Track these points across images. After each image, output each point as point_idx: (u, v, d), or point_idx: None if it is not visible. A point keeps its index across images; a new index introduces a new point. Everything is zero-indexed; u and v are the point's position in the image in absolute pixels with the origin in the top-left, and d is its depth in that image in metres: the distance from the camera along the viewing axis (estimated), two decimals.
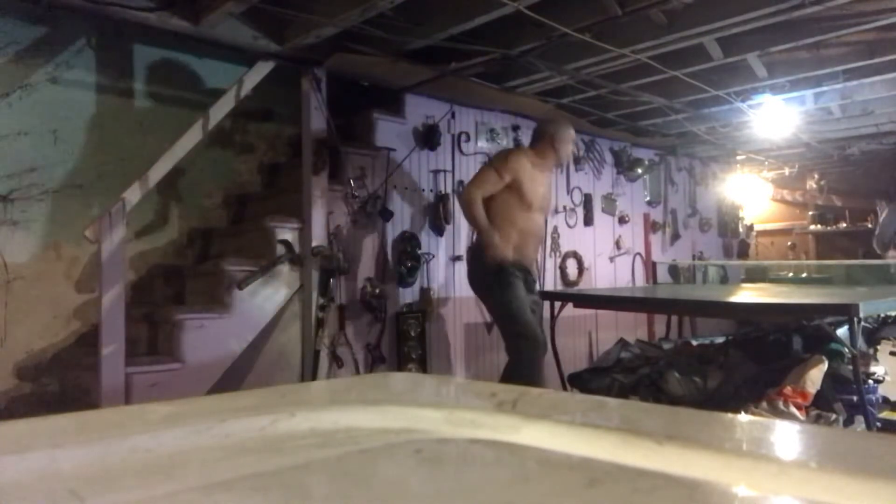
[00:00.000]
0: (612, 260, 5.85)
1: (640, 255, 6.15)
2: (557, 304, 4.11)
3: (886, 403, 3.48)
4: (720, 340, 4.55)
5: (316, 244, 3.54)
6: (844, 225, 7.90)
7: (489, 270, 3.35)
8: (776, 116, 4.93)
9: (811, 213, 8.13)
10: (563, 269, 5.35)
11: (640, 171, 6.04)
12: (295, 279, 3.53)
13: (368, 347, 3.91)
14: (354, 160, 3.92)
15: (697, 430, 0.76)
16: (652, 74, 4.04)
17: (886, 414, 3.41)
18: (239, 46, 3.40)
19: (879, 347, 4.01)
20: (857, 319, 2.84)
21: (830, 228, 7.98)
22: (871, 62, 3.99)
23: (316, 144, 3.60)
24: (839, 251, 7.69)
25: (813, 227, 8.10)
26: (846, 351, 3.08)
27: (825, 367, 3.20)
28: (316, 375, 3.47)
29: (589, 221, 5.59)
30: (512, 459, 0.70)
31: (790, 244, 8.38)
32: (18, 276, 3.19)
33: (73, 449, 0.69)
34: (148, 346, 3.27)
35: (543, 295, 3.91)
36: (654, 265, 6.28)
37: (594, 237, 5.66)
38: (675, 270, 6.53)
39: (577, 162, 5.48)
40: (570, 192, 5.46)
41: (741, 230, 7.70)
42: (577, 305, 4.35)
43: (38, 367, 3.20)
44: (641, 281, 6.11)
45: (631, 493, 0.57)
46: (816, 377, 3.15)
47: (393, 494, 0.60)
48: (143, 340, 3.26)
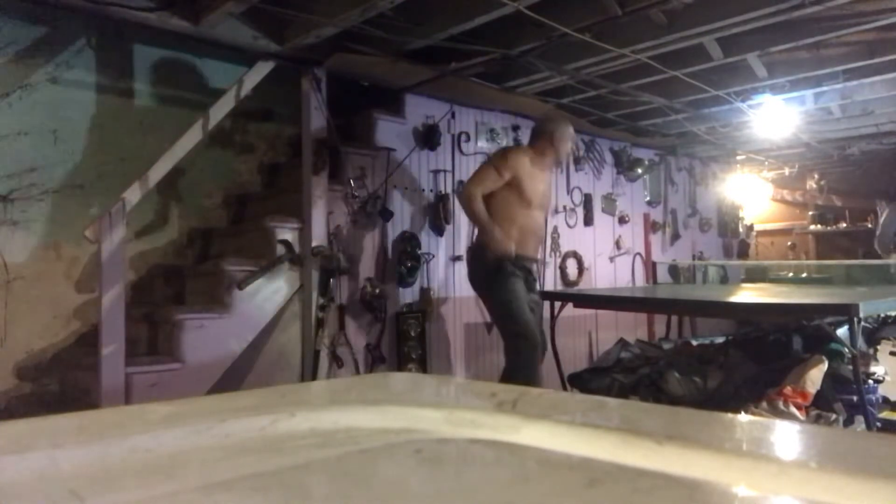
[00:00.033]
0: (612, 260, 5.85)
1: (640, 255, 6.15)
2: (557, 304, 4.11)
3: (886, 403, 3.48)
4: (720, 340, 4.55)
5: (316, 244, 3.54)
6: (844, 225, 7.90)
7: (489, 268, 3.35)
8: (776, 116, 4.93)
9: (811, 213, 8.13)
10: (563, 269, 5.35)
11: (640, 171, 6.04)
12: (295, 279, 3.53)
13: (368, 347, 3.91)
14: (354, 160, 3.92)
15: (697, 430, 0.76)
16: (652, 74, 4.04)
17: (886, 414, 3.41)
18: (239, 46, 3.40)
19: (879, 347, 4.02)
20: (857, 319, 2.84)
21: (830, 228, 7.98)
22: (871, 62, 3.99)
23: (316, 144, 3.60)
24: (839, 251, 7.69)
25: (813, 227, 8.10)
26: (846, 351, 3.08)
27: (825, 367, 3.20)
28: (316, 375, 3.47)
29: (589, 221, 5.59)
30: (512, 459, 0.70)
31: (790, 244, 8.37)
32: (18, 276, 3.19)
33: (73, 449, 0.69)
34: (148, 346, 3.27)
35: (543, 295, 3.91)
36: (654, 265, 6.28)
37: (594, 237, 5.66)
38: (675, 270, 6.53)
39: (577, 162, 5.48)
40: (570, 192, 5.46)
41: (741, 230, 7.70)
42: (577, 305, 4.36)
43: (38, 367, 3.20)
44: (641, 281, 6.11)
45: (631, 493, 0.57)
46: (816, 377, 3.15)
47: (393, 494, 0.60)
48: (143, 340, 3.26)
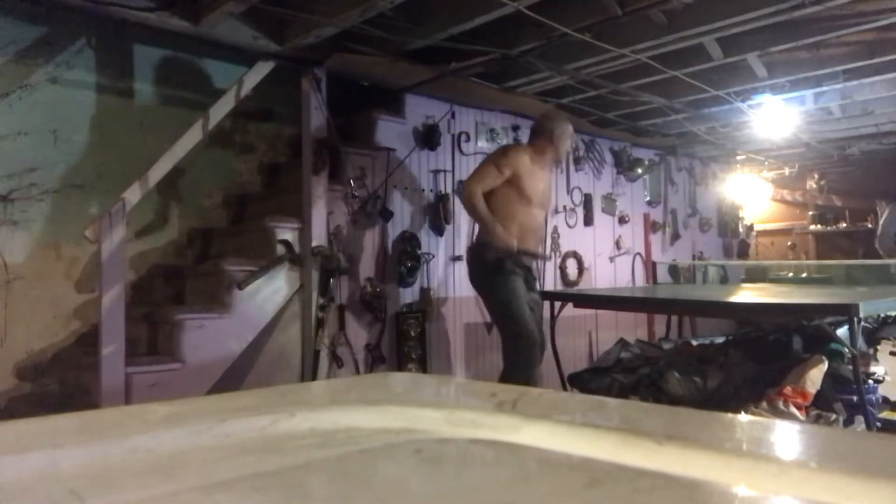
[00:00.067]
0: (612, 260, 5.85)
1: (640, 255, 6.15)
2: (557, 304, 4.11)
3: (886, 403, 3.48)
4: (720, 340, 4.55)
5: (316, 244, 3.54)
6: (844, 225, 7.90)
7: (489, 267, 3.34)
8: (776, 116, 4.93)
9: (811, 213, 8.13)
10: (563, 268, 5.35)
11: (640, 171, 6.04)
12: (295, 279, 3.53)
13: (368, 347, 3.91)
14: (354, 160, 3.92)
15: (697, 430, 0.76)
16: (652, 74, 4.04)
17: (886, 414, 3.41)
18: (239, 46, 3.40)
19: (879, 347, 4.01)
20: (857, 319, 2.84)
21: (830, 228, 7.98)
22: (871, 62, 3.99)
23: (316, 144, 3.60)
24: (839, 251, 7.70)
25: (813, 227, 8.10)
26: (846, 351, 3.08)
27: (825, 367, 3.20)
28: (316, 375, 3.47)
29: (589, 221, 5.59)
30: (512, 459, 0.70)
31: (790, 244, 8.37)
32: (18, 276, 3.19)
33: (73, 449, 0.69)
34: (148, 346, 3.27)
35: (543, 295, 3.91)
36: (654, 265, 6.28)
37: (594, 237, 5.66)
38: (675, 270, 6.53)
39: (577, 162, 5.48)
40: (570, 191, 5.46)
41: (741, 230, 7.70)
42: (577, 305, 4.36)
43: (38, 367, 3.20)
44: (641, 281, 6.11)
45: (631, 493, 0.57)
46: (816, 377, 3.15)
47: (393, 494, 0.60)
48: (143, 340, 3.26)
